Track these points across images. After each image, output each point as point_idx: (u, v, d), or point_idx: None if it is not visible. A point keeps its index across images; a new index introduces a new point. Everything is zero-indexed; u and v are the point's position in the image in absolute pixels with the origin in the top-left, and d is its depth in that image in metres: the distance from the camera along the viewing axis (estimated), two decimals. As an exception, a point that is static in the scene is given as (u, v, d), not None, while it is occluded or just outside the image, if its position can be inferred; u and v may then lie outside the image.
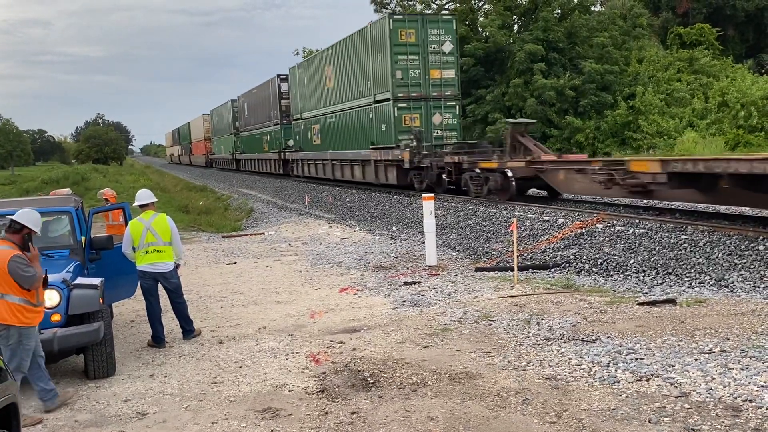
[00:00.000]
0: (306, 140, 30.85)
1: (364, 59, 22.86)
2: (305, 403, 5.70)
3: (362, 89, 23.29)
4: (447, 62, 21.33)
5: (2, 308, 5.63)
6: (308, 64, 31.04)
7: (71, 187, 35.18)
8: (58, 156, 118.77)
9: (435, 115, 21.31)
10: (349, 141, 24.94)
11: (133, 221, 7.95)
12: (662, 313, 7.59)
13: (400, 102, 20.95)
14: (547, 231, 12.71)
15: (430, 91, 21.18)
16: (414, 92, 21.03)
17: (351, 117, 24.73)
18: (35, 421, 5.75)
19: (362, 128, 23.52)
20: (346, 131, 25.31)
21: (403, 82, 20.87)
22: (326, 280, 11.09)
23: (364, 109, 23.35)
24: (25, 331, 5.73)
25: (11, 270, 5.60)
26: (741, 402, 5.04)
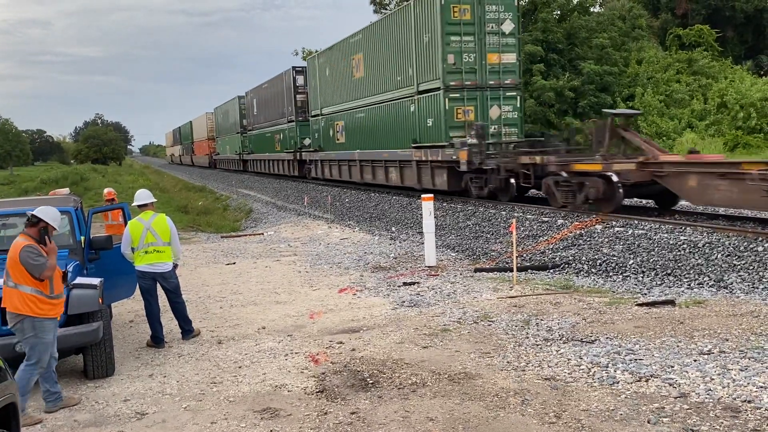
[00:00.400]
0: (327, 139, 27.69)
1: (406, 43, 19.61)
2: (304, 404, 5.70)
3: (402, 78, 20.04)
4: (507, 45, 18.02)
5: (15, 298, 5.77)
6: (331, 52, 26.96)
7: (70, 187, 35.17)
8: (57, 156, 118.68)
9: (492, 108, 17.97)
10: (382, 139, 21.79)
11: (132, 221, 7.95)
12: (661, 313, 7.60)
13: (453, 92, 17.64)
14: (546, 232, 12.72)
15: (486, 78, 17.87)
16: (468, 80, 17.71)
17: (386, 111, 21.55)
18: (35, 420, 5.76)
19: (401, 124, 20.36)
20: (380, 128, 22.06)
21: (455, 68, 17.56)
22: (325, 281, 11.09)
23: (403, 101, 20.10)
24: (38, 323, 5.81)
25: (22, 259, 5.74)
26: (740, 403, 5.05)
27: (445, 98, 17.69)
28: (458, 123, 17.67)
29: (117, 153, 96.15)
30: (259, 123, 41.13)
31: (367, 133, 23.15)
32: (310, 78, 29.75)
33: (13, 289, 5.76)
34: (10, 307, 5.77)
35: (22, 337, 5.81)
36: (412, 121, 19.58)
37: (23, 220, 7.89)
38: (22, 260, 5.73)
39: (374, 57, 22.26)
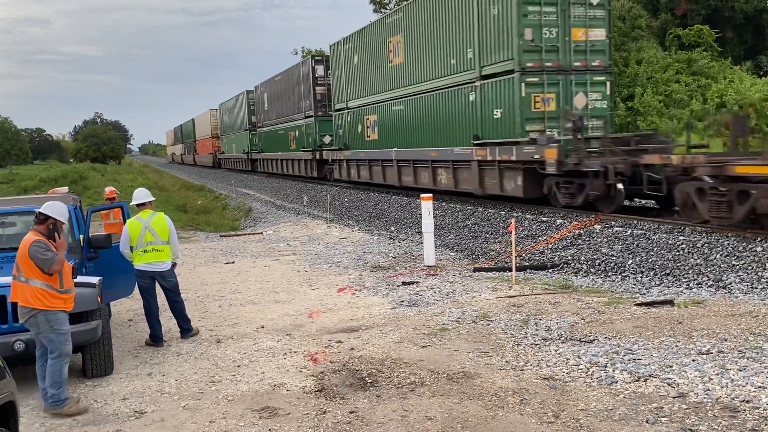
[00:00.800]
0: (354, 136, 24.57)
1: (464, 18, 16.38)
2: (303, 403, 5.70)
3: (458, 62, 16.77)
4: (595, 17, 14.89)
5: (27, 292, 5.86)
6: (361, 36, 23.51)
7: (69, 186, 35.15)
8: (57, 155, 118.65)
9: (578, 96, 14.80)
10: (428, 135, 18.68)
11: (131, 220, 7.95)
12: (660, 313, 7.60)
13: (531, 74, 14.43)
14: (546, 231, 12.72)
15: (571, 59, 14.71)
16: (549, 61, 14.55)
17: (434, 103, 18.33)
18: (82, 409, 5.86)
19: (456, 117, 17.10)
20: (425, 122, 18.89)
21: (534, 45, 14.36)
22: (324, 280, 11.09)
23: (459, 89, 16.83)
24: (52, 315, 5.90)
25: (31, 254, 5.85)
26: (738, 403, 5.05)
27: (522, 83, 14.43)
28: (536, 114, 14.43)
29: (116, 152, 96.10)
30: (271, 119, 38.23)
31: (408, 129, 20.05)
32: (334, 67, 26.54)
33: (25, 284, 5.87)
34: (22, 301, 5.87)
35: (37, 332, 5.89)
36: (471, 112, 16.31)
37: (23, 218, 7.93)
38: (31, 255, 5.84)
39: (418, 38, 18.95)
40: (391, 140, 21.26)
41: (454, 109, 17.27)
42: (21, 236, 7.70)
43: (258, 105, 41.83)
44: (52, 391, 5.82)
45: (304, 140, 31.15)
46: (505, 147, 14.77)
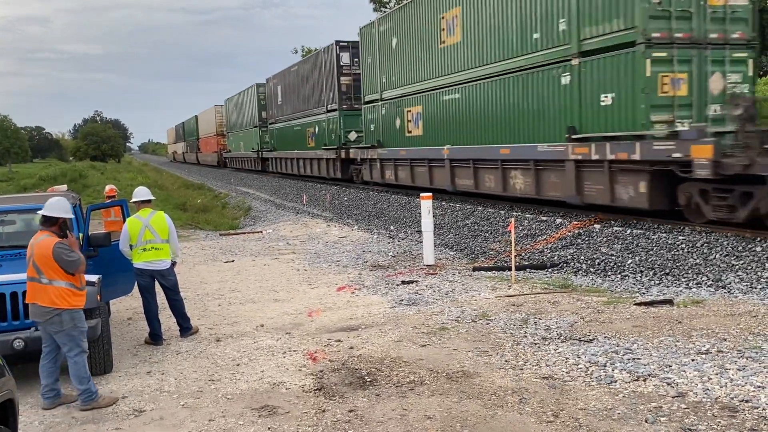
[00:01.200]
0: (390, 131, 21.34)
1: None
2: (302, 401, 5.70)
3: (543, 36, 13.45)
4: None
5: (52, 293, 5.91)
6: (401, 15, 20.23)
7: (68, 185, 35.15)
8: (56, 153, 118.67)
9: (713, 76, 11.61)
10: (496, 129, 15.27)
11: (130, 219, 7.95)
12: (659, 313, 7.60)
13: (658, 48, 11.20)
14: (545, 231, 12.72)
15: (706, 29, 11.47)
16: (680, 30, 11.33)
17: (505, 88, 14.84)
18: (112, 400, 5.96)
19: (540, 105, 13.65)
20: (492, 113, 15.46)
21: (662, 10, 11.21)
22: (324, 279, 11.09)
23: (545, 70, 13.42)
24: (76, 313, 6.01)
25: (56, 256, 5.91)
26: (737, 402, 5.05)
27: (647, 59, 11.14)
28: (663, 99, 11.30)
29: (116, 150, 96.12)
30: (285, 114, 35.00)
31: (466, 122, 16.59)
32: (365, 53, 23.22)
33: (48, 285, 5.91)
34: (46, 302, 5.90)
35: (59, 329, 5.93)
36: (563, 99, 12.92)
37: (22, 217, 7.92)
38: (56, 257, 5.91)
39: (483, 11, 15.59)
40: (442, 136, 17.97)
41: (537, 95, 13.75)
42: (20, 234, 7.75)
43: (270, 99, 38.73)
44: (82, 387, 5.89)
45: (325, 137, 27.99)
46: (622, 143, 11.41)
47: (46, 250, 5.92)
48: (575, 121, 12.67)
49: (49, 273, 5.90)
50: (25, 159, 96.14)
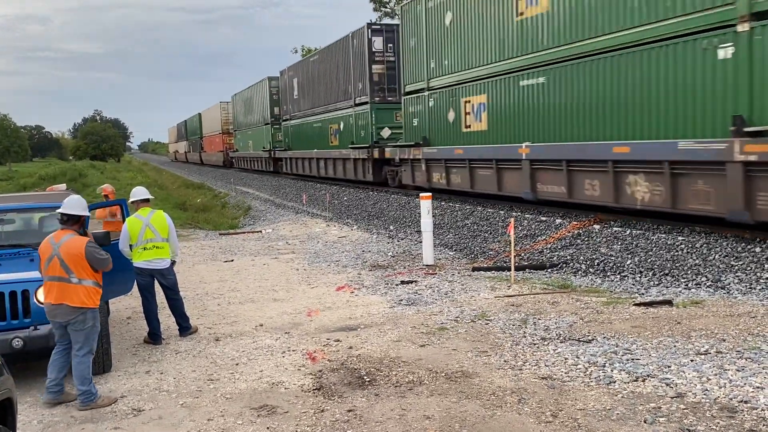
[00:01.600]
0: (440, 126, 17.97)
1: None
2: (301, 401, 5.70)
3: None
4: None
5: (82, 293, 5.96)
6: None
7: (68, 183, 35.15)
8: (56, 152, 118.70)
9: None
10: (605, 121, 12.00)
11: (130, 218, 7.95)
12: (659, 313, 7.60)
13: None
14: (545, 231, 12.73)
15: None
16: None
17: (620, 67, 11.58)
18: (111, 400, 5.96)
19: (678, 88, 10.44)
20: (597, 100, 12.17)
21: None
22: (323, 279, 11.09)
23: (692, 41, 10.14)
24: (97, 312, 6.11)
25: (89, 255, 5.99)
26: (736, 403, 5.05)
27: None
28: None
29: (116, 150, 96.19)
30: (303, 110, 31.67)
31: (555, 113, 13.35)
32: (407, 36, 19.87)
33: (78, 285, 5.96)
34: (76, 302, 5.93)
35: (81, 328, 5.96)
36: (722, 79, 9.70)
37: (21, 216, 7.93)
38: (89, 257, 5.98)
39: None
40: (517, 131, 14.59)
41: (675, 75, 10.48)
42: (19, 234, 7.75)
43: (285, 94, 35.24)
44: (84, 387, 5.89)
45: (353, 134, 24.80)
46: None
47: (77, 250, 5.97)
48: (743, 110, 9.38)
49: (80, 272, 5.96)
50: (24, 158, 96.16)
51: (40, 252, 6.12)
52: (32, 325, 6.29)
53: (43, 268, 6.07)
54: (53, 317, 5.99)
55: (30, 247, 7.25)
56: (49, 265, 5.98)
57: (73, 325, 5.95)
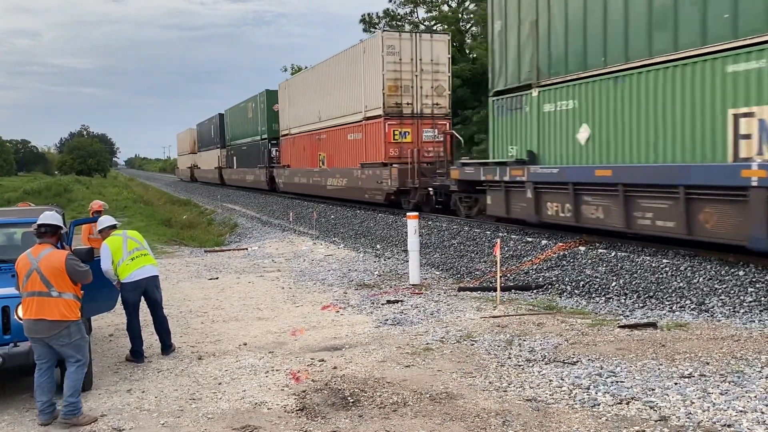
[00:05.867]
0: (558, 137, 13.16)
1: None
2: (284, 422, 5.64)
3: None
4: None
5: (62, 306, 5.90)
6: None
7: (53, 198, 34.91)
8: (41, 167, 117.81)
9: None
10: None
11: (108, 238, 7.88)
12: (643, 336, 7.62)
13: None
14: (530, 252, 12.76)
15: None
16: None
17: None
18: (92, 419, 5.85)
19: None
20: None
21: None
22: (309, 297, 11.03)
23: None
24: (81, 324, 6.08)
25: (69, 268, 5.97)
26: (720, 427, 5.06)
27: None
28: None
29: (102, 165, 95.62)
30: None
31: None
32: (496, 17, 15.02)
33: (58, 299, 5.91)
34: (57, 315, 5.87)
35: (68, 341, 5.92)
36: None
37: (2, 231, 7.85)
38: (69, 270, 5.96)
39: None
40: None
41: None
42: (1, 249, 7.66)
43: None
44: (73, 399, 5.81)
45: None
46: None
47: (58, 263, 5.93)
48: None
49: (60, 286, 5.91)
50: (9, 172, 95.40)
51: (17, 268, 6.01)
52: (12, 342, 6.20)
53: (21, 284, 5.97)
54: (34, 333, 5.88)
55: (11, 262, 7.17)
56: (28, 280, 5.90)
57: (57, 340, 5.86)
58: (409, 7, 44.65)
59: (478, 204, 16.79)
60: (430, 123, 21.39)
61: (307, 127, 29.05)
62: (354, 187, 23.67)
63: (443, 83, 21.58)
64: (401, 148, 21.00)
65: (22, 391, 6.65)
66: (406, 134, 21.28)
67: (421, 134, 21.36)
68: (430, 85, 21.31)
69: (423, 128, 21.39)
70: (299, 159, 30.38)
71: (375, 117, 21.69)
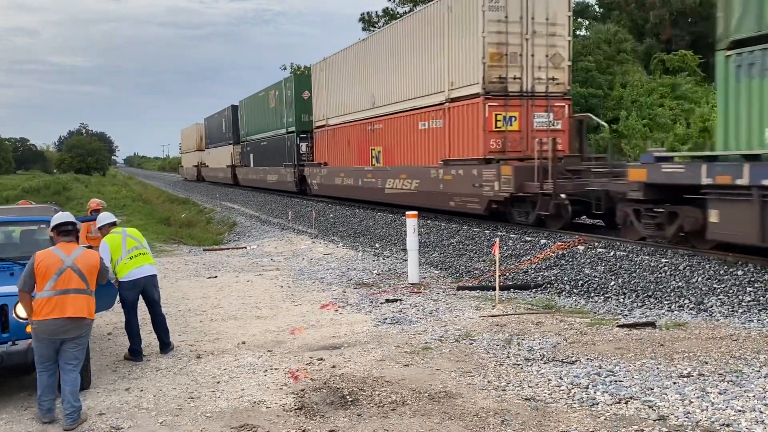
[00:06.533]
0: None
1: None
2: (283, 420, 5.64)
3: None
4: None
5: (91, 305, 6.01)
6: None
7: (52, 197, 34.89)
8: (40, 165, 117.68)
9: None
10: None
11: (108, 236, 7.87)
12: (642, 335, 7.62)
13: None
14: (529, 251, 12.76)
15: None
16: None
17: None
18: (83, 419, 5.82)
19: None
20: None
21: None
22: (307, 296, 11.03)
23: None
24: None
25: (102, 268, 6.16)
26: (718, 426, 5.06)
27: None
28: None
29: (101, 163, 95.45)
30: None
31: None
32: None
33: (90, 297, 6.00)
34: (88, 314, 5.93)
35: (85, 342, 6.01)
36: None
37: (1, 229, 7.84)
38: (102, 269, 6.14)
39: None
40: None
41: None
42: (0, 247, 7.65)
43: None
44: (78, 404, 5.77)
45: None
46: None
47: (95, 261, 6.10)
48: None
49: (92, 284, 6.03)
50: (8, 170, 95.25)
51: (40, 266, 5.81)
52: (10, 340, 6.19)
53: (45, 281, 5.79)
54: (61, 333, 5.74)
55: (10, 261, 7.16)
56: (59, 278, 5.80)
57: (79, 339, 5.88)
58: (408, 6, 44.69)
59: (678, 221, 11.17)
60: (544, 105, 15.92)
61: (353, 116, 23.73)
62: (432, 191, 17.95)
63: (561, 50, 16.08)
64: (505, 139, 15.68)
65: (21, 390, 6.65)
66: (512, 120, 15.71)
67: (531, 120, 15.84)
68: (544, 53, 15.84)
69: (534, 111, 15.84)
70: (341, 155, 25.04)
71: (467, 97, 16.20)
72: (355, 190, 23.73)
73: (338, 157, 25.47)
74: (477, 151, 15.92)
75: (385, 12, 44.68)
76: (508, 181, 14.67)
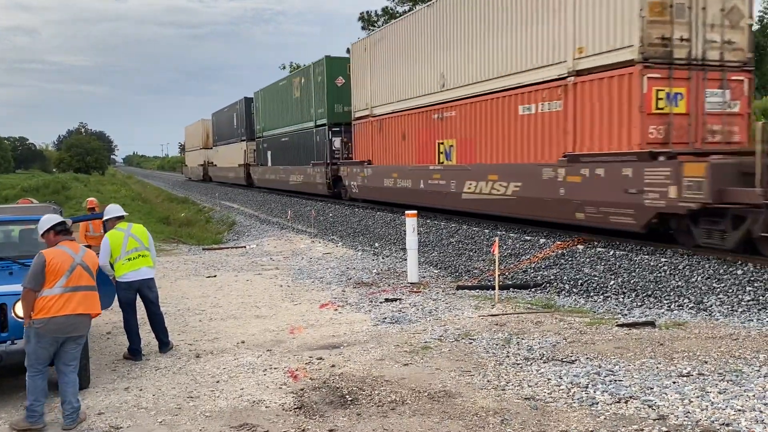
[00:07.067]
0: None
1: None
2: (282, 420, 5.63)
3: None
4: None
5: (98, 302, 6.11)
6: None
7: (51, 196, 34.87)
8: (39, 164, 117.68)
9: None
10: None
11: (111, 232, 7.85)
12: (641, 335, 7.62)
13: None
14: (529, 251, 12.76)
15: None
16: None
17: None
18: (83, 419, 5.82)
19: None
20: None
21: None
22: (307, 295, 11.02)
23: None
24: None
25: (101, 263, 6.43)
26: (718, 426, 5.05)
27: None
28: None
29: (100, 162, 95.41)
30: None
31: None
32: None
33: (97, 294, 6.11)
34: (96, 310, 6.04)
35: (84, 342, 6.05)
36: None
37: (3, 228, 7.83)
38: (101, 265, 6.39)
39: None
40: None
41: None
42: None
43: None
44: (78, 405, 5.76)
45: None
46: None
47: (96, 260, 6.28)
48: None
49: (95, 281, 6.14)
50: (7, 170, 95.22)
51: (52, 263, 5.77)
52: (9, 339, 6.18)
53: (57, 278, 5.76)
54: (72, 330, 5.76)
55: (9, 260, 7.15)
56: (72, 275, 5.83)
57: (80, 339, 5.90)
58: (408, 5, 44.66)
59: None
60: (718, 78, 11.62)
61: (410, 103, 19.45)
62: (544, 198, 13.36)
63: (739, 2, 11.66)
64: (669, 125, 11.32)
65: (19, 390, 6.64)
66: (677, 98, 11.38)
67: (701, 99, 11.52)
68: (718, 6, 11.50)
69: (706, 87, 11.54)
70: (392, 152, 20.88)
71: (611, 67, 11.82)
72: (414, 194, 19.08)
73: (388, 153, 21.18)
74: (628, 141, 11.47)
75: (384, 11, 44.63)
76: (697, 186, 10.06)
